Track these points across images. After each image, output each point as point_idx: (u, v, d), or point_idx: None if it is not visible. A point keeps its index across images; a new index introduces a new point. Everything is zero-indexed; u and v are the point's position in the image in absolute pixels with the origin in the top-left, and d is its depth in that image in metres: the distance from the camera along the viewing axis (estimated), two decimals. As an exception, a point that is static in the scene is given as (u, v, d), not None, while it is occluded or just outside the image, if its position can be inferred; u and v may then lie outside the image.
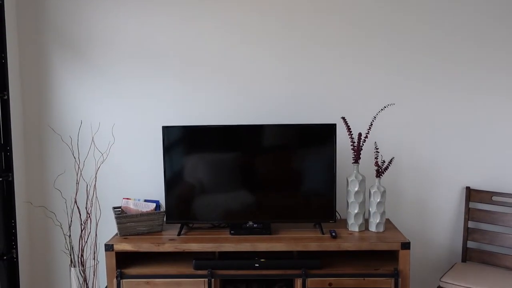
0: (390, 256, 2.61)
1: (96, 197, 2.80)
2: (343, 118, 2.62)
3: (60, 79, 2.88)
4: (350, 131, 2.61)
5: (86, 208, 2.67)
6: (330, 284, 2.42)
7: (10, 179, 2.69)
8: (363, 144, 2.61)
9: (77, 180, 2.73)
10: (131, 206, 2.69)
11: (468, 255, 2.80)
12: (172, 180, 2.63)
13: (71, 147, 2.82)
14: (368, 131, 2.61)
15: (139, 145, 2.91)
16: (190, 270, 2.47)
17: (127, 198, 2.73)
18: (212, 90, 2.87)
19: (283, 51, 2.84)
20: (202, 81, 2.87)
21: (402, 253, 2.42)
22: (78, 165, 2.75)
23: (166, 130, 2.61)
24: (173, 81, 2.87)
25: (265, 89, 2.86)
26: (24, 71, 2.88)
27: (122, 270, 2.47)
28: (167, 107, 2.88)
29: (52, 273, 3.00)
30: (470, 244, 2.84)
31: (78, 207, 2.69)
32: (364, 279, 2.41)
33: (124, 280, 2.45)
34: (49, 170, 2.93)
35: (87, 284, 2.53)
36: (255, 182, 2.64)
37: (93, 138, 2.83)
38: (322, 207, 2.62)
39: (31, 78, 2.89)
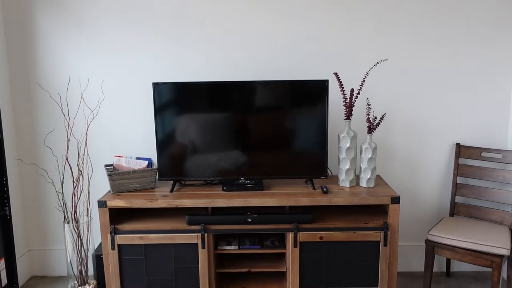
0: (380, 210, 2.67)
1: (88, 154, 2.79)
2: (336, 73, 2.60)
3: (46, 35, 2.80)
4: (342, 87, 2.59)
5: (77, 165, 2.66)
6: (321, 237, 2.47)
7: (0, 136, 2.66)
8: (355, 101, 2.60)
9: (67, 137, 2.72)
10: (123, 164, 2.68)
11: (456, 210, 2.86)
12: (163, 137, 2.62)
13: (60, 104, 2.78)
14: (361, 87, 2.60)
15: (130, 102, 2.87)
16: (183, 225, 2.50)
17: (119, 156, 2.72)
18: (204, 47, 2.81)
19: (275, 8, 2.77)
20: (193, 38, 2.80)
21: (391, 207, 2.46)
22: (68, 122, 2.73)
23: (157, 87, 2.57)
24: (163, 37, 2.80)
25: (256, 47, 2.81)
26: (8, 26, 2.79)
27: (116, 226, 2.50)
28: (157, 64, 2.83)
29: (46, 229, 3.03)
30: (458, 199, 2.90)
31: (69, 165, 2.68)
32: (354, 232, 2.46)
33: (118, 235, 2.48)
34: (38, 128, 2.90)
35: (81, 240, 2.56)
36: (246, 139, 2.64)
37: (82, 95, 2.79)
38: (313, 163, 2.64)
39: (16, 34, 2.80)
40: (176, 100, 2.59)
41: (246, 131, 2.62)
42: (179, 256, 2.50)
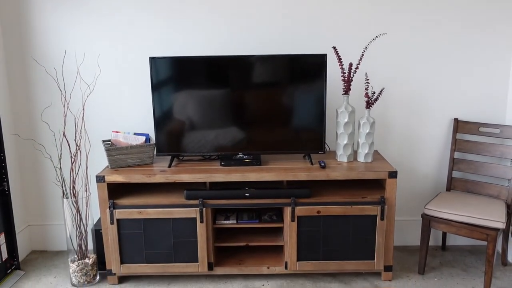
0: (377, 185, 2.68)
1: (85, 129, 2.78)
2: (334, 47, 2.57)
3: (40, 7, 2.75)
4: (341, 62, 2.57)
5: (75, 140, 2.65)
6: (318, 212, 2.48)
7: (-4, 112, 2.65)
8: (353, 75, 2.58)
9: (64, 112, 2.70)
10: (121, 139, 2.68)
11: (453, 184, 2.88)
12: (161, 113, 2.60)
13: (56, 79, 2.76)
14: (359, 62, 2.57)
15: (127, 77, 2.84)
16: (181, 200, 2.52)
17: (117, 131, 2.71)
18: (201, 22, 2.77)
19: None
20: (191, 12, 2.76)
21: (389, 181, 2.47)
22: (65, 97, 2.71)
23: (154, 61, 2.54)
24: (161, 10, 2.75)
25: (254, 21, 2.77)
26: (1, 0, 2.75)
27: (114, 201, 2.51)
28: (155, 38, 2.79)
29: (45, 204, 3.04)
30: (455, 174, 2.91)
31: (67, 140, 2.67)
32: (351, 206, 2.48)
33: (116, 210, 2.49)
34: (35, 103, 2.87)
35: (80, 214, 2.57)
36: (244, 114, 2.63)
37: (78, 69, 2.76)
38: (311, 138, 2.64)
39: (9, 7, 2.75)
40: (173, 75, 2.56)
41: (244, 106, 2.61)
42: (177, 231, 2.52)
